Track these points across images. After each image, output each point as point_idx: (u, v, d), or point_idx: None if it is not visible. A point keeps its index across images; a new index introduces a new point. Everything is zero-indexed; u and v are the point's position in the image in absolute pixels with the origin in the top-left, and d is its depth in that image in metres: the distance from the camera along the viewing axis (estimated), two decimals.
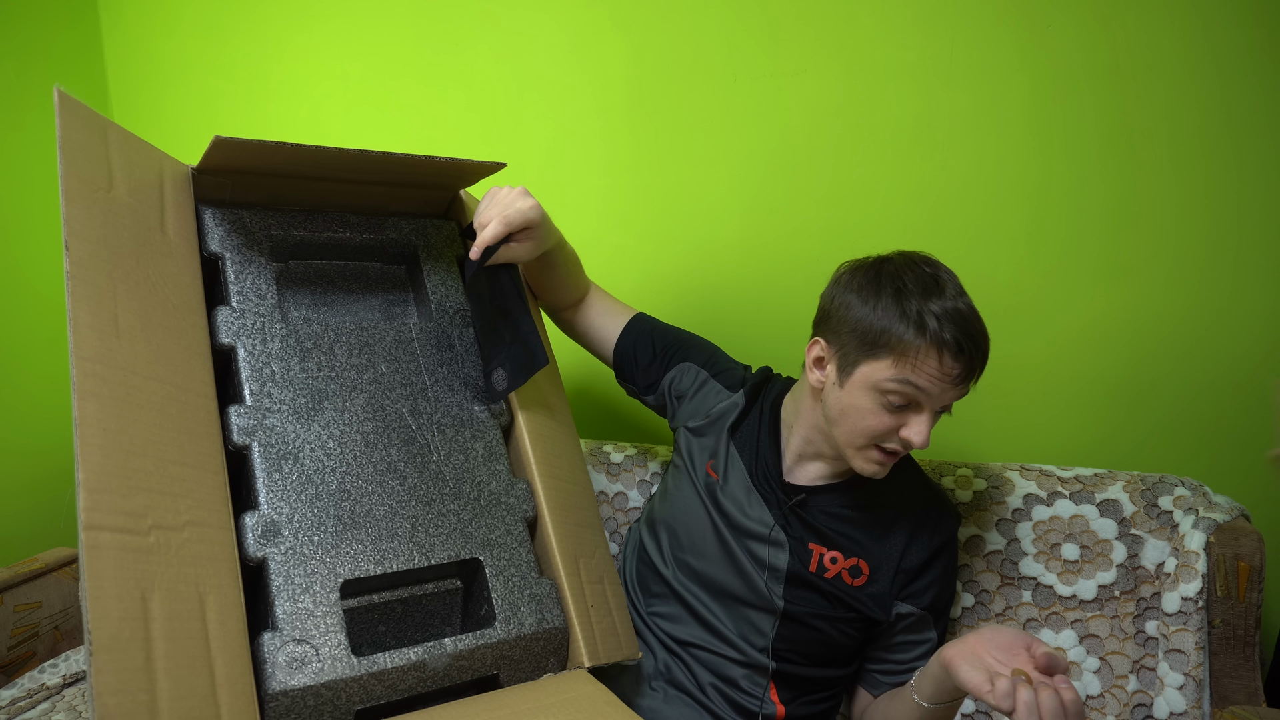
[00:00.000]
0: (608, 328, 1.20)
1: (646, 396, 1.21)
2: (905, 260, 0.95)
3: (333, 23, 1.63)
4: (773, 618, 1.02)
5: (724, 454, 1.09)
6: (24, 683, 1.16)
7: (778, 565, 1.02)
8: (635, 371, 1.19)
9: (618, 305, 1.22)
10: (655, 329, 1.20)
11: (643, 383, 1.20)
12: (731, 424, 1.10)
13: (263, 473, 0.82)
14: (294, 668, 0.74)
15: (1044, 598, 1.10)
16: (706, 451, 1.12)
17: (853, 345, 0.93)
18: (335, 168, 0.95)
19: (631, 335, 1.19)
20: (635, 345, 1.19)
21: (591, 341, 1.23)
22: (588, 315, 1.21)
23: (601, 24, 1.44)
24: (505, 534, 0.92)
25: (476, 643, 0.85)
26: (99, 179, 0.80)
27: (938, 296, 0.90)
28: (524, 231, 0.99)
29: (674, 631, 1.09)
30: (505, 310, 1.00)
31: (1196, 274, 1.16)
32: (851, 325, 0.94)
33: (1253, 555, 0.98)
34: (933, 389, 0.90)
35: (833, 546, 1.02)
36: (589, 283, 1.21)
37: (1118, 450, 1.22)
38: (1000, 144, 1.23)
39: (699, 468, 1.11)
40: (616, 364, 1.21)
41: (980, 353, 0.91)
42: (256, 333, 0.88)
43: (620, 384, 1.24)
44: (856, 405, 0.93)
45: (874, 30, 1.27)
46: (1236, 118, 1.12)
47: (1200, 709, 0.98)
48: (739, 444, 1.09)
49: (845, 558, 1.01)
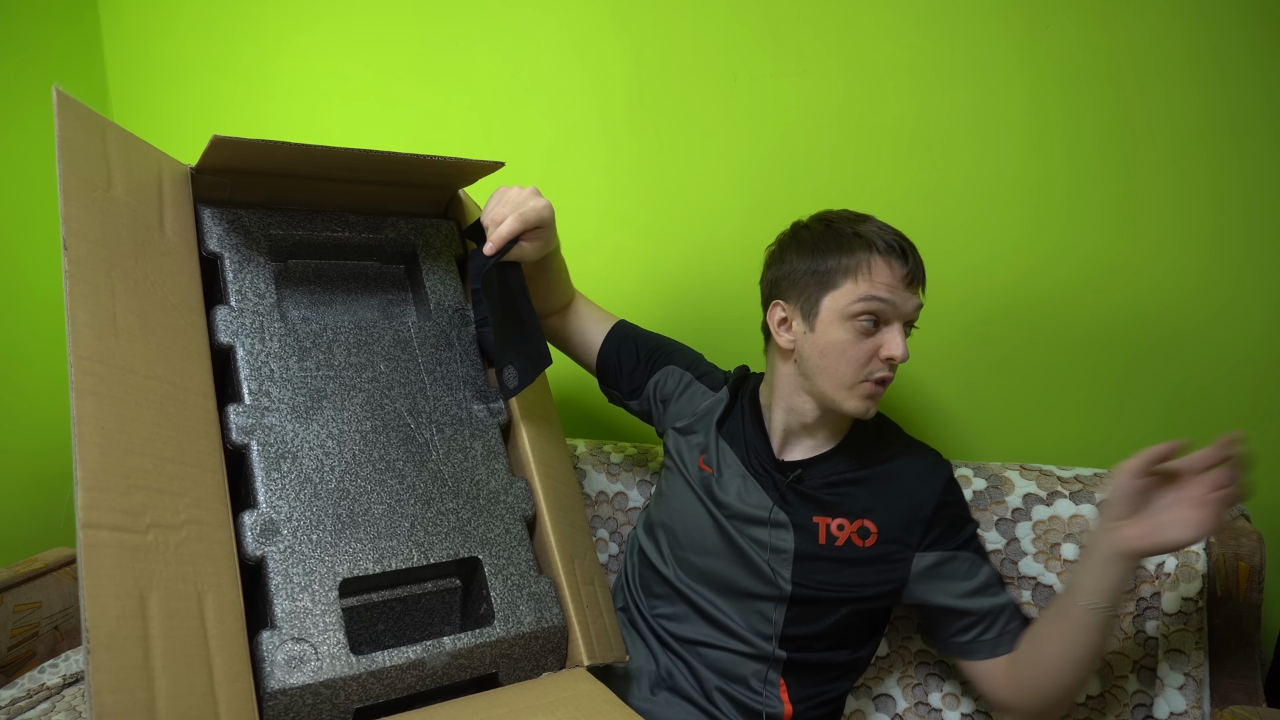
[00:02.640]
0: (591, 334, 1.22)
1: (630, 402, 1.22)
2: (818, 213, 1.06)
3: (332, 22, 1.63)
4: (781, 605, 1.02)
5: (714, 448, 1.11)
6: (24, 683, 1.16)
7: (783, 547, 1.02)
8: (619, 377, 1.20)
9: (600, 313, 1.24)
10: (638, 335, 1.22)
11: (627, 388, 1.21)
12: (719, 418, 1.12)
13: (261, 471, 0.82)
14: (292, 666, 0.74)
15: (1044, 598, 1.09)
16: (697, 448, 1.12)
17: (810, 289, 1.00)
18: (334, 167, 0.95)
19: (615, 341, 1.20)
20: (619, 351, 1.20)
21: (574, 347, 1.24)
22: (572, 321, 1.22)
23: (601, 23, 1.44)
24: (504, 533, 0.92)
25: (475, 641, 0.85)
26: (97, 178, 0.80)
27: (862, 221, 1.00)
28: (535, 230, 1.00)
29: (680, 631, 1.09)
30: (514, 309, 1.00)
31: (1197, 274, 1.16)
32: (802, 274, 1.01)
33: (1253, 555, 0.98)
34: (893, 296, 0.96)
35: (837, 514, 1.02)
36: (574, 290, 1.23)
37: (1118, 450, 1.21)
38: (1000, 144, 1.23)
39: (690, 465, 1.12)
40: (600, 370, 1.22)
41: (919, 257, 0.99)
42: (255, 332, 0.88)
43: (603, 390, 1.25)
44: (833, 341, 0.98)
45: (874, 30, 1.27)
46: (1238, 117, 1.12)
47: (1200, 709, 0.98)
48: (728, 437, 1.11)
49: (851, 521, 1.02)
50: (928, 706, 1.14)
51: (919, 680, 1.15)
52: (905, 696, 1.15)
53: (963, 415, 1.30)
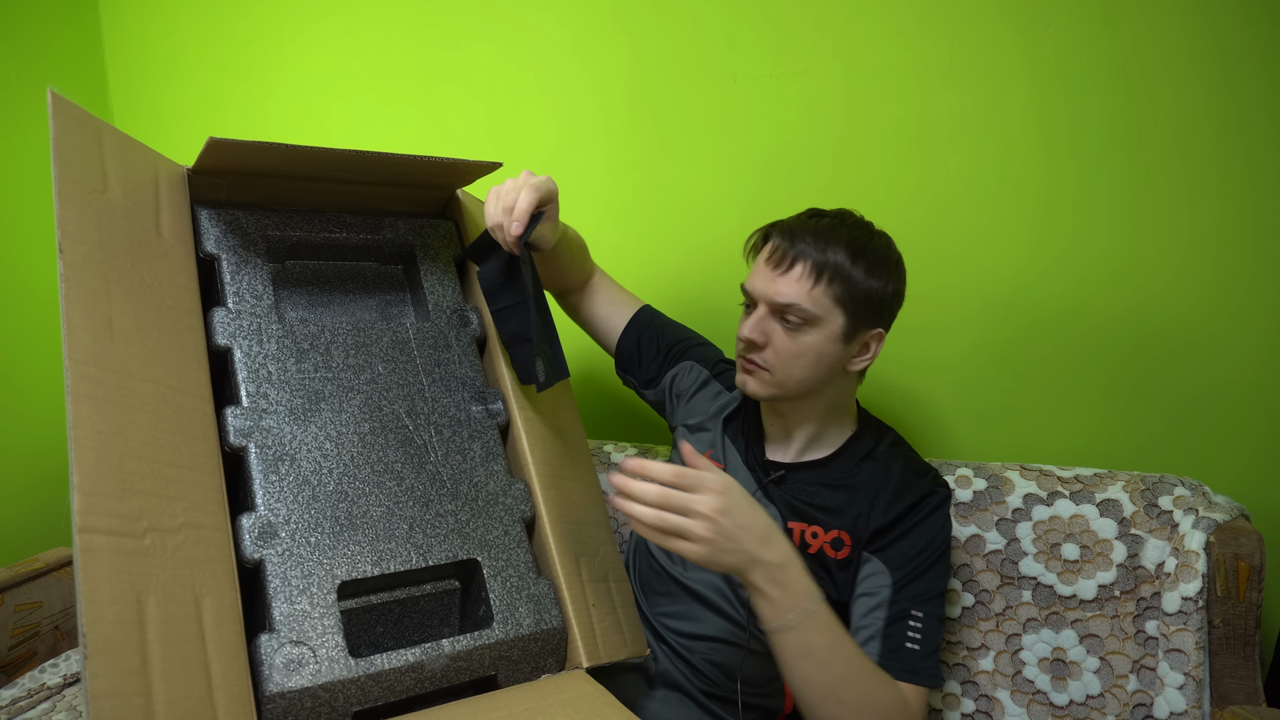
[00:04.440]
0: (613, 318, 1.21)
1: (646, 391, 1.21)
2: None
3: (332, 22, 1.63)
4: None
5: (720, 444, 1.11)
6: (24, 683, 1.16)
7: None
8: (638, 366, 1.20)
9: (624, 295, 1.22)
10: (663, 325, 1.21)
11: (643, 377, 1.20)
12: (727, 416, 1.12)
13: (259, 474, 0.82)
14: (291, 670, 0.74)
15: (1044, 597, 1.09)
16: (704, 444, 1.13)
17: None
18: (331, 168, 0.95)
19: (636, 329, 1.20)
20: (640, 339, 1.19)
21: (596, 329, 1.23)
22: (594, 302, 1.21)
23: (602, 23, 1.44)
24: (503, 534, 0.92)
25: (474, 643, 0.84)
26: (93, 181, 0.80)
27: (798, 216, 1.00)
28: (550, 206, 0.97)
29: (685, 628, 1.08)
30: (542, 308, 1.00)
31: (1198, 275, 1.15)
32: None
33: (1253, 555, 0.98)
34: (756, 280, 0.98)
35: (812, 522, 1.01)
36: (595, 267, 1.21)
37: (1118, 450, 1.21)
38: (1001, 144, 1.22)
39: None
40: (619, 356, 1.22)
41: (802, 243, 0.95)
42: (253, 334, 0.88)
43: (619, 375, 1.24)
44: None
45: (875, 30, 1.27)
46: (1243, 116, 1.11)
47: (1200, 709, 0.98)
48: (732, 433, 1.11)
49: (825, 531, 1.01)
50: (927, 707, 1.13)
51: None
52: None
53: (963, 415, 1.30)
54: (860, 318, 0.96)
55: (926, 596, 0.95)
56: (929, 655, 0.93)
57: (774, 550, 0.83)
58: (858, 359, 1.00)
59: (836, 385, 1.02)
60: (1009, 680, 1.10)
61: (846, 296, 0.95)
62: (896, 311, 1.01)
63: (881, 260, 0.97)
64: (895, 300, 1.00)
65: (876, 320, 0.98)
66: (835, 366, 0.99)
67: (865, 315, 0.97)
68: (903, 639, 0.93)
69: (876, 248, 0.97)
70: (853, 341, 0.98)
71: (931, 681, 0.92)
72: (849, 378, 1.03)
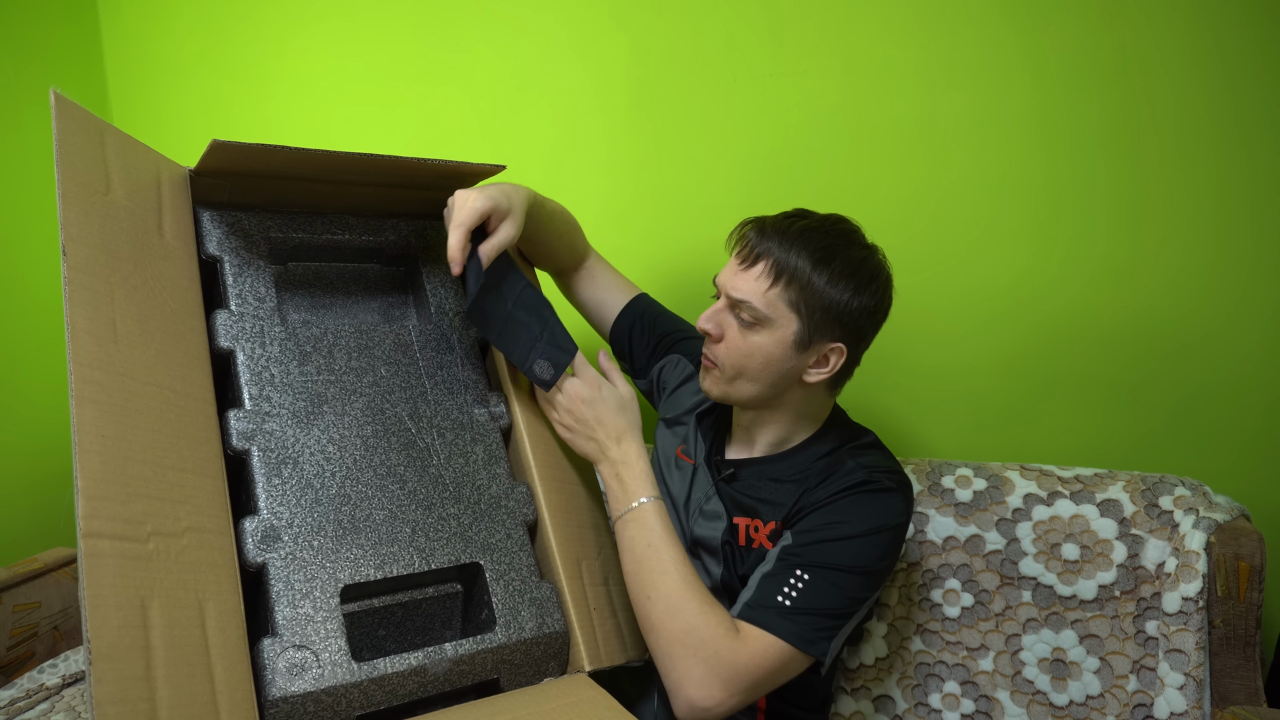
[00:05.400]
0: (608, 303, 1.21)
1: (637, 381, 1.23)
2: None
3: (332, 22, 1.63)
4: (722, 596, 1.00)
5: (694, 440, 1.11)
6: (23, 683, 1.16)
7: (710, 537, 1.02)
8: (629, 355, 1.21)
9: (620, 281, 1.23)
10: (655, 314, 1.21)
11: (633, 367, 1.22)
12: (701, 412, 1.12)
13: (262, 477, 0.82)
14: (294, 674, 0.74)
15: (1044, 598, 1.09)
16: (679, 439, 1.13)
17: None
18: (334, 170, 0.95)
19: (629, 317, 1.20)
20: (632, 328, 1.20)
21: (590, 313, 1.23)
22: (589, 285, 1.21)
23: (602, 23, 1.44)
24: (505, 538, 0.92)
25: (477, 647, 0.84)
26: (96, 182, 0.79)
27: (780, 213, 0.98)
28: (492, 222, 0.94)
29: None
30: (528, 303, 0.99)
31: (1198, 274, 1.15)
32: None
33: (1253, 555, 0.98)
34: (723, 271, 0.98)
35: (754, 516, 1.00)
36: (589, 248, 1.21)
37: (1118, 450, 1.22)
38: (1001, 143, 1.22)
39: (669, 454, 1.13)
40: (612, 343, 1.22)
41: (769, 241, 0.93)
42: (255, 336, 0.88)
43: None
44: None
45: (875, 30, 1.27)
46: (1242, 116, 1.11)
47: (1201, 709, 0.98)
48: (704, 430, 1.11)
49: (764, 523, 0.99)
50: (927, 708, 1.14)
51: (918, 681, 1.15)
52: (905, 698, 1.15)
53: (963, 415, 1.30)
54: (817, 327, 0.92)
55: (820, 564, 0.89)
56: (800, 613, 0.87)
57: (622, 450, 0.97)
58: (814, 370, 0.95)
59: (797, 395, 0.98)
60: (1009, 680, 1.11)
61: (803, 303, 0.92)
62: (868, 329, 0.96)
63: (852, 272, 0.92)
64: (864, 316, 0.94)
65: (836, 333, 0.93)
66: (788, 375, 0.95)
67: (822, 326, 0.92)
68: (774, 592, 0.89)
69: (851, 258, 0.93)
70: (808, 351, 0.93)
71: (788, 635, 0.86)
72: (813, 390, 0.98)
